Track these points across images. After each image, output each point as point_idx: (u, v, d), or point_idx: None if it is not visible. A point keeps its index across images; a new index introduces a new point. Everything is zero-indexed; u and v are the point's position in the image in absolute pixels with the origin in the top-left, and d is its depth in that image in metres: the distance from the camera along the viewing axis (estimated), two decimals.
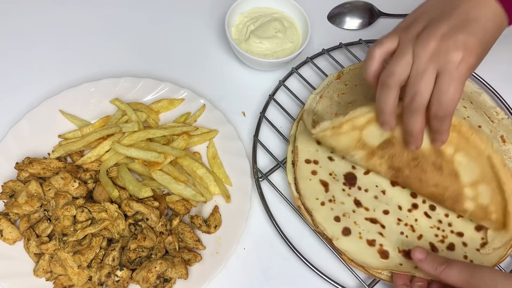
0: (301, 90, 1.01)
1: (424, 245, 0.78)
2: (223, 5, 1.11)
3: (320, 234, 0.82)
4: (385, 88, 0.69)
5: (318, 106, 0.90)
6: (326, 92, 0.92)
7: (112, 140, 0.86)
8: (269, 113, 0.98)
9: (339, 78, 0.94)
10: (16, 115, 0.91)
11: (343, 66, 1.00)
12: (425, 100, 0.67)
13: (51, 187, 0.80)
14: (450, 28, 0.65)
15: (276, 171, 0.91)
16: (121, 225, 0.78)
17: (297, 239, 0.84)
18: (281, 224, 0.85)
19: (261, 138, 0.94)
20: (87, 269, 0.75)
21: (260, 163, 0.92)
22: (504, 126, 0.91)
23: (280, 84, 0.99)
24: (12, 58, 1.02)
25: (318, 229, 0.81)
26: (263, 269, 0.83)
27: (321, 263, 0.82)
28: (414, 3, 1.18)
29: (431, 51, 0.65)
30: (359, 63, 0.97)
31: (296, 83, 1.02)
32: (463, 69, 0.65)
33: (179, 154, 0.86)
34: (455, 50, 0.64)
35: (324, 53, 1.04)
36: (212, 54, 1.07)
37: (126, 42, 1.07)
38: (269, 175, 0.89)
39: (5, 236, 0.78)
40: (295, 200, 0.84)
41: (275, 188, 0.87)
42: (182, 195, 0.84)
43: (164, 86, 0.95)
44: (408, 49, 0.67)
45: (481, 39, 0.66)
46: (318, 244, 0.84)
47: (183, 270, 0.77)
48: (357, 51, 1.06)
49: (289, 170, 0.87)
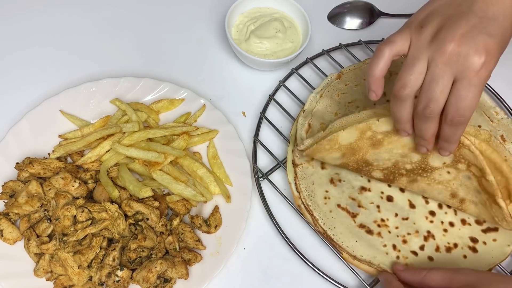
0: (301, 90, 1.01)
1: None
2: (223, 5, 1.12)
3: (320, 233, 0.82)
4: (399, 101, 0.67)
5: (318, 106, 0.90)
6: (327, 91, 0.92)
7: (112, 140, 0.86)
8: (269, 113, 0.98)
9: (339, 78, 0.95)
10: (16, 115, 0.91)
11: (342, 67, 1.01)
12: (440, 107, 0.64)
13: (51, 187, 0.80)
14: (469, 28, 0.61)
15: (276, 171, 0.91)
16: (121, 225, 0.78)
17: (297, 239, 0.84)
18: (281, 223, 0.85)
19: (261, 138, 0.94)
20: (87, 269, 0.75)
21: (261, 163, 0.92)
22: (504, 125, 0.91)
23: (280, 84, 0.99)
24: (12, 58, 1.02)
25: (318, 228, 0.81)
26: (263, 269, 0.83)
27: (321, 263, 0.82)
28: (414, 3, 1.19)
29: (448, 55, 0.61)
30: (359, 63, 0.97)
31: (296, 83, 1.03)
32: (483, 74, 0.61)
33: (179, 154, 0.86)
34: (475, 54, 0.60)
35: (324, 53, 1.04)
36: (212, 54, 1.07)
37: (127, 42, 1.07)
38: (269, 175, 0.89)
39: (6, 236, 0.78)
40: (295, 200, 0.85)
41: (275, 187, 0.87)
42: (182, 195, 0.84)
43: (164, 86, 0.95)
44: (421, 55, 0.63)
45: (500, 40, 0.62)
46: (319, 244, 0.84)
47: (184, 270, 0.77)
48: (357, 51, 1.07)
49: (289, 169, 0.87)
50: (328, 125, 0.80)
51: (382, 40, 1.05)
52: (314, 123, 0.86)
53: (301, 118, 0.89)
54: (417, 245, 0.79)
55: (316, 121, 0.87)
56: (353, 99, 0.90)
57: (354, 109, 0.89)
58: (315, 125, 0.86)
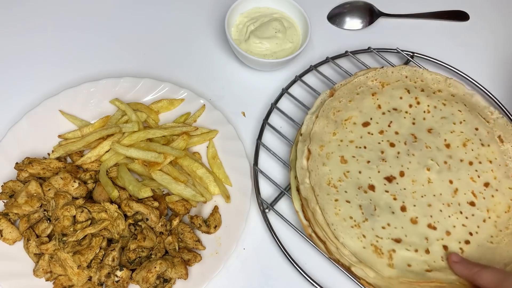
0: (295, 111, 0.99)
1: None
2: (223, 5, 1.12)
3: (335, 261, 0.80)
4: None
5: (315, 127, 0.87)
6: (321, 111, 0.88)
7: (112, 140, 0.86)
8: (266, 138, 0.95)
9: (332, 95, 0.92)
10: (16, 115, 0.91)
11: (350, 74, 0.98)
12: None
13: (51, 187, 0.80)
14: None
15: (281, 199, 0.88)
16: (121, 225, 0.78)
17: (311, 269, 0.82)
18: (290, 250, 0.82)
19: (261, 164, 0.92)
20: (87, 269, 0.75)
21: (263, 189, 0.89)
22: (500, 125, 0.91)
23: (272, 107, 0.96)
24: (12, 58, 1.02)
25: (333, 256, 0.79)
26: (263, 269, 0.83)
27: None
28: (414, 3, 1.19)
29: None
30: (350, 78, 0.94)
31: (289, 103, 1.00)
32: None
33: (179, 154, 0.86)
34: None
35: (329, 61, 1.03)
36: (212, 54, 1.07)
37: (126, 42, 1.07)
38: (274, 205, 0.87)
39: (5, 236, 0.78)
40: (304, 228, 0.82)
41: (284, 218, 0.84)
42: (182, 195, 0.84)
43: (164, 86, 0.95)
44: None
45: None
46: (329, 267, 0.82)
47: (183, 270, 0.77)
48: (360, 56, 1.05)
49: (295, 197, 0.84)
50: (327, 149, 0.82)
51: (396, 49, 1.04)
52: (314, 147, 0.84)
53: (300, 144, 0.86)
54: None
55: (315, 145, 0.84)
56: (348, 116, 0.88)
57: (351, 126, 0.87)
58: (315, 150, 0.84)
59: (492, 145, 0.88)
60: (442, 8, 1.19)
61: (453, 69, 1.05)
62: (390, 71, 0.94)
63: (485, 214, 0.81)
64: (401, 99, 0.91)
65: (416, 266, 0.75)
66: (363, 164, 0.83)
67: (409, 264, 0.75)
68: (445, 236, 0.78)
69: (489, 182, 0.84)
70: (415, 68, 0.95)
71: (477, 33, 1.17)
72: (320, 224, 0.78)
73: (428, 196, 0.82)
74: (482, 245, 0.78)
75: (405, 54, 1.05)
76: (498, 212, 0.82)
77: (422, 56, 1.06)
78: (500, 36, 1.17)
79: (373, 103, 0.90)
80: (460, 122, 0.89)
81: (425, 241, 0.78)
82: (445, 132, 0.88)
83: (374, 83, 0.92)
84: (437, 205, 0.81)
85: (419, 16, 1.17)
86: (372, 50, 1.04)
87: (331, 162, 0.83)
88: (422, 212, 0.80)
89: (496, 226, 0.81)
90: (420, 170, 0.83)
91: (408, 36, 1.14)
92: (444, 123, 0.89)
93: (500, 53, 1.14)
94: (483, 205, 0.82)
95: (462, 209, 0.81)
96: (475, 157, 0.86)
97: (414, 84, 0.93)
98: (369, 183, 0.82)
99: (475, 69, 1.08)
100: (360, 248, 0.76)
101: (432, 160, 0.85)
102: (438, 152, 0.86)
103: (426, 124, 0.89)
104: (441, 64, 1.06)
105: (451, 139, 0.87)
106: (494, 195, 0.83)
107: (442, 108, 0.91)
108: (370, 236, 0.77)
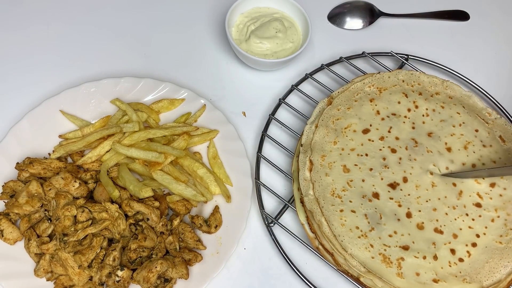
0: (294, 121, 0.99)
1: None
2: (223, 5, 1.12)
3: (344, 272, 0.79)
4: None
5: (316, 137, 0.86)
6: (321, 120, 0.88)
7: (113, 140, 0.86)
8: (266, 150, 0.94)
9: (330, 103, 0.91)
10: (17, 115, 0.92)
11: (347, 81, 0.98)
12: None
13: (52, 187, 0.80)
14: None
15: (285, 212, 0.88)
16: (121, 225, 0.78)
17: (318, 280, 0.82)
18: (297, 264, 0.82)
19: (263, 177, 0.91)
20: (87, 269, 0.75)
21: (266, 203, 0.88)
22: (499, 126, 0.90)
23: (270, 119, 0.95)
24: (12, 59, 1.02)
25: (341, 267, 0.79)
26: (264, 269, 0.83)
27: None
28: (414, 3, 1.19)
29: None
30: (347, 85, 0.94)
31: (287, 113, 1.00)
32: None
33: (179, 154, 0.86)
34: None
35: (324, 68, 1.03)
36: (212, 54, 1.07)
37: (127, 42, 1.07)
38: (279, 218, 0.86)
39: (6, 236, 0.78)
40: (311, 241, 0.82)
41: (289, 232, 0.84)
42: (182, 195, 0.84)
43: (165, 86, 0.95)
44: None
45: None
46: (337, 278, 0.83)
47: (184, 270, 0.77)
48: (355, 61, 1.04)
49: (299, 209, 0.84)
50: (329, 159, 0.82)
51: (391, 52, 1.04)
52: (316, 158, 0.83)
53: (301, 155, 0.85)
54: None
55: (317, 155, 0.83)
56: (348, 124, 0.88)
57: (351, 134, 0.87)
58: (317, 161, 0.83)
59: (494, 145, 0.87)
60: (442, 8, 1.19)
61: (448, 69, 1.05)
62: (386, 76, 0.94)
63: (493, 213, 0.81)
64: (399, 104, 0.90)
65: (424, 274, 0.75)
66: (366, 172, 0.83)
67: (417, 273, 0.75)
68: (452, 240, 0.78)
69: (495, 182, 0.84)
70: (412, 71, 0.95)
71: (478, 32, 1.17)
72: (327, 236, 0.78)
73: (432, 200, 0.81)
74: (490, 246, 0.78)
75: (400, 57, 1.05)
76: (508, 209, 0.81)
77: (417, 58, 1.05)
78: (501, 36, 1.17)
79: (371, 109, 0.90)
80: (459, 125, 0.89)
81: (433, 246, 0.77)
82: (445, 135, 0.88)
83: (371, 89, 0.92)
84: (442, 209, 0.80)
85: (420, 16, 1.17)
86: (366, 55, 1.04)
87: (333, 172, 0.82)
88: (427, 216, 0.80)
89: (506, 225, 0.80)
90: (423, 175, 0.83)
91: (408, 36, 1.14)
92: (443, 126, 0.89)
93: (501, 53, 1.14)
94: (490, 205, 0.81)
95: (468, 211, 0.81)
96: (478, 159, 0.86)
97: (411, 88, 0.93)
98: (373, 191, 0.81)
99: (476, 69, 1.09)
100: (369, 259, 0.75)
101: (434, 165, 0.84)
102: (440, 157, 0.85)
103: (426, 128, 0.88)
104: (436, 65, 1.06)
105: (452, 142, 0.87)
106: (502, 194, 0.83)
107: (441, 111, 0.90)
108: (378, 245, 0.76)
